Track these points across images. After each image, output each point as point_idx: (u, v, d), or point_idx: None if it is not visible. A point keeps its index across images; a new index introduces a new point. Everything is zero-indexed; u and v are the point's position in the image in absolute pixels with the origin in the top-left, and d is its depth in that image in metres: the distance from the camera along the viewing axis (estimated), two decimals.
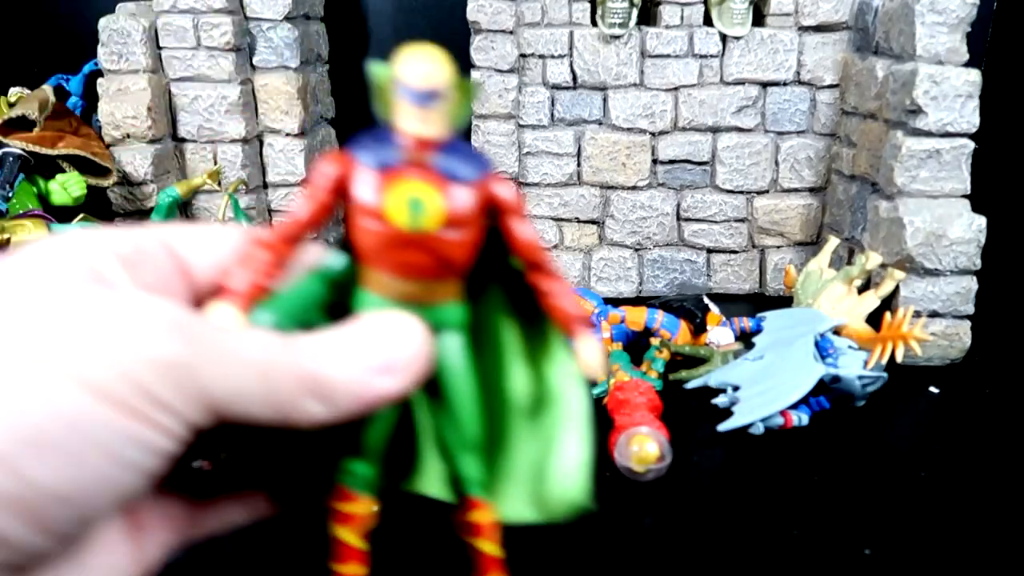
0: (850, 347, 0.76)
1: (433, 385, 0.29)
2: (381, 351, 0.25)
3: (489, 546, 0.30)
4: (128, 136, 1.03)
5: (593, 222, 1.08)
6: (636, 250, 1.08)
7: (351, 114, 1.28)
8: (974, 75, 0.83)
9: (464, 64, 1.03)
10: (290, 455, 0.30)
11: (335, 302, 0.29)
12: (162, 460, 0.23)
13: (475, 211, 0.26)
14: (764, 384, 0.74)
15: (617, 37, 1.00)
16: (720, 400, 0.75)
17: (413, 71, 0.24)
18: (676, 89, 1.02)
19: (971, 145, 0.84)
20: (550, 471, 0.29)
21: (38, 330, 0.21)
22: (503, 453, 0.31)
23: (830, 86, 1.01)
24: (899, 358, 0.73)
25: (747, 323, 0.86)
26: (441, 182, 0.25)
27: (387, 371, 0.25)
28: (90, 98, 1.10)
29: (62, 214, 0.98)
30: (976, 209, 0.85)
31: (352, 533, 0.29)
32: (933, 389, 0.80)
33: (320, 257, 0.30)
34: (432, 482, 0.32)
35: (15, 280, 0.23)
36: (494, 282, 0.30)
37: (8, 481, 0.20)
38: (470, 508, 0.30)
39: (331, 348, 0.25)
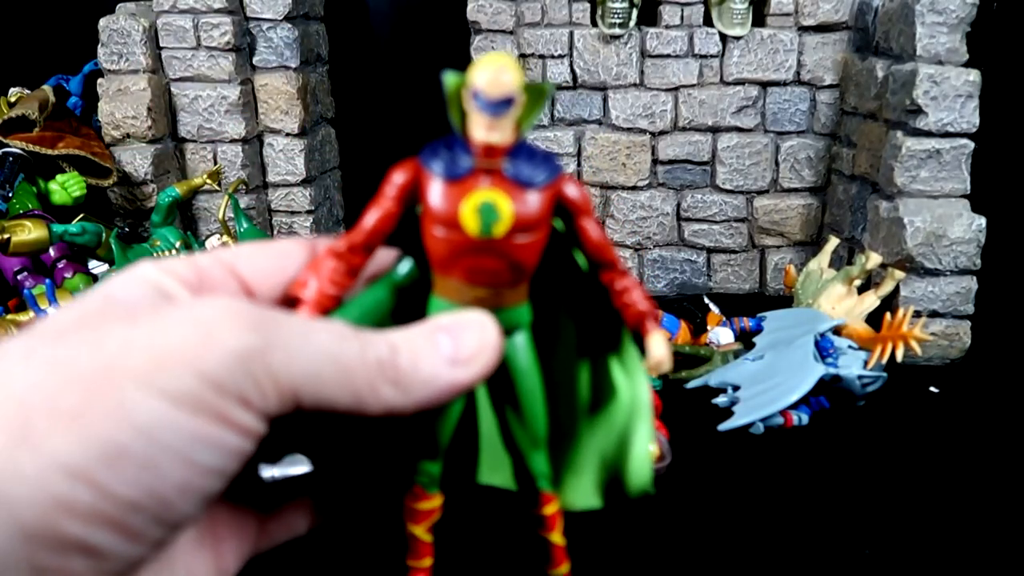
0: (850, 347, 0.76)
1: (498, 383, 0.29)
2: (455, 343, 0.26)
3: (558, 537, 0.32)
4: (128, 136, 1.03)
5: None
6: (636, 250, 1.08)
7: (351, 114, 1.28)
8: (974, 75, 0.83)
9: (464, 64, 1.03)
10: (367, 458, 0.31)
11: (403, 309, 0.29)
12: (237, 460, 0.23)
13: (544, 213, 0.27)
14: (764, 384, 0.74)
15: (617, 37, 1.00)
16: (720, 400, 0.75)
17: (488, 80, 0.25)
18: (676, 89, 1.02)
19: (971, 145, 0.84)
20: (623, 459, 0.30)
21: (108, 345, 0.22)
22: (568, 445, 0.32)
23: (830, 86, 1.01)
24: (899, 358, 0.73)
25: (747, 323, 0.86)
26: (512, 188, 0.26)
27: (461, 362, 0.26)
28: (90, 98, 1.10)
29: (62, 214, 0.98)
30: (976, 209, 0.85)
31: (424, 529, 0.31)
32: (933, 389, 0.80)
33: (388, 264, 0.30)
34: (496, 474, 0.33)
35: (86, 308, 0.24)
36: (555, 279, 0.31)
37: (91, 495, 0.20)
38: (542, 503, 0.31)
39: (407, 338, 0.26)
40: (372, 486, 0.32)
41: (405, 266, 0.29)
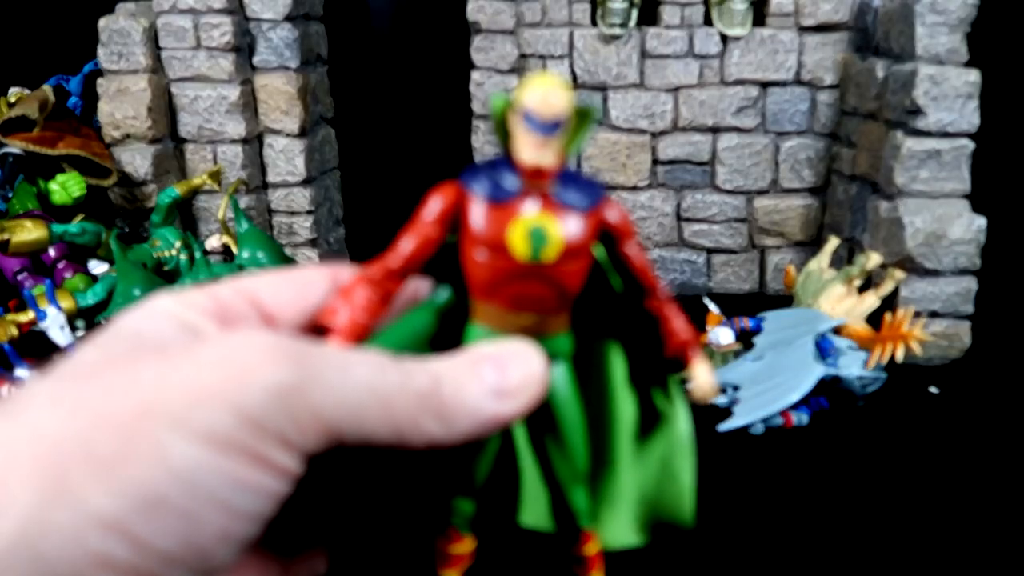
0: (850, 347, 0.76)
1: (537, 416, 0.28)
2: (500, 374, 0.25)
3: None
4: (128, 136, 1.03)
5: None
6: None
7: (351, 114, 1.28)
8: (974, 75, 0.83)
9: (464, 64, 1.03)
10: (401, 495, 0.29)
11: (439, 337, 0.28)
12: (274, 503, 0.22)
13: (590, 238, 0.26)
14: (764, 384, 0.74)
15: (617, 37, 1.00)
16: (720, 400, 0.75)
17: (540, 100, 0.24)
18: (676, 89, 1.02)
19: (971, 145, 0.84)
20: (664, 496, 0.29)
21: (142, 386, 0.21)
22: (608, 480, 0.31)
23: (830, 86, 1.01)
24: (899, 358, 0.73)
25: (747, 323, 0.86)
26: (560, 212, 0.25)
27: (506, 394, 0.25)
28: (90, 98, 1.10)
29: (62, 214, 0.98)
30: (976, 209, 0.85)
31: (457, 574, 0.30)
32: (933, 389, 0.80)
33: (424, 291, 0.29)
34: (536, 515, 0.32)
35: (110, 347, 0.23)
36: (593, 306, 0.30)
37: (129, 550, 0.19)
38: (582, 542, 0.30)
39: (449, 369, 0.25)
40: (405, 526, 0.30)
41: (443, 294, 0.28)
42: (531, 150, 0.25)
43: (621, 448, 0.30)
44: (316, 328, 0.27)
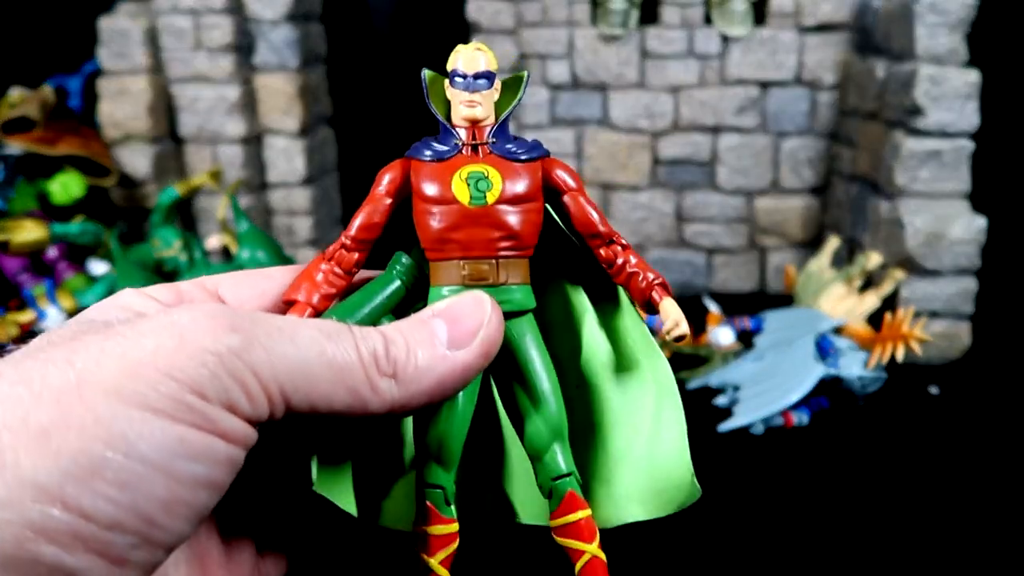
0: (850, 347, 0.76)
1: (507, 376, 0.28)
2: (451, 325, 0.25)
3: (592, 548, 0.28)
4: (128, 136, 1.03)
5: None
6: (636, 251, 1.08)
7: (351, 114, 1.28)
8: (974, 75, 0.83)
9: None
10: (373, 470, 0.29)
11: (404, 307, 0.29)
12: (228, 470, 0.22)
13: (534, 189, 0.28)
14: (765, 384, 0.74)
15: (617, 37, 1.00)
16: (720, 400, 0.75)
17: (464, 59, 0.28)
18: (676, 89, 1.02)
19: (971, 145, 0.84)
20: (657, 460, 0.28)
21: (80, 359, 0.21)
22: (598, 449, 0.30)
23: (830, 86, 1.01)
24: (899, 358, 0.73)
25: (747, 323, 0.86)
26: (499, 162, 0.28)
27: (459, 343, 0.25)
28: (90, 98, 1.10)
29: (62, 214, 0.98)
30: (976, 209, 0.85)
31: (439, 561, 0.27)
32: (933, 389, 0.80)
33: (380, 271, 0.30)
34: (532, 512, 0.31)
35: (59, 333, 0.23)
36: (559, 268, 0.31)
37: (67, 517, 0.19)
38: (567, 508, 0.28)
39: (400, 327, 0.25)
40: (375, 504, 0.29)
41: (404, 259, 0.29)
42: (464, 106, 0.28)
43: (603, 405, 0.30)
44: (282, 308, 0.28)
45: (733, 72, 1.01)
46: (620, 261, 0.29)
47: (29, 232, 0.87)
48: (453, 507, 0.28)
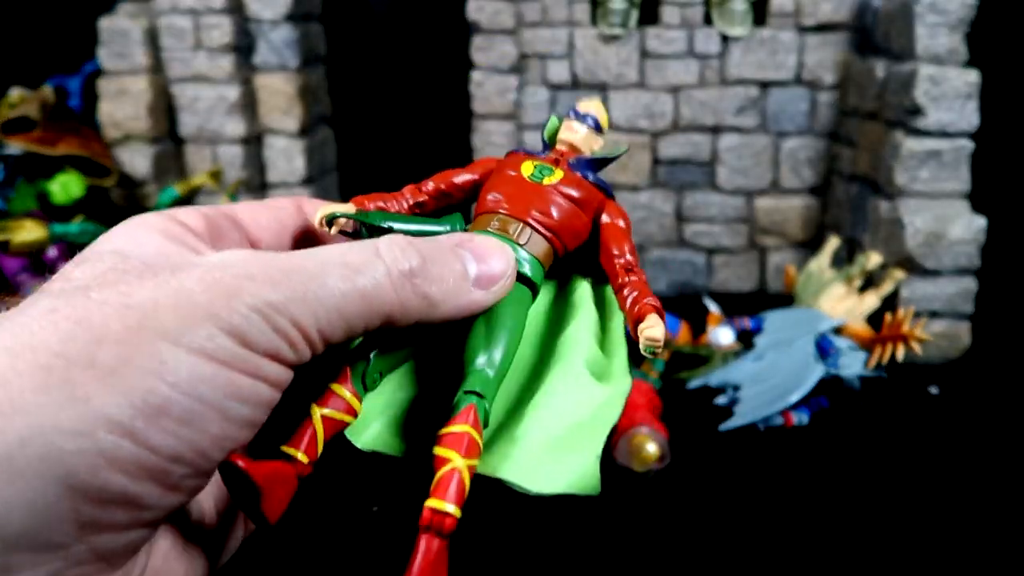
0: (850, 347, 0.76)
1: (473, 322, 0.28)
2: (480, 263, 0.27)
3: (461, 462, 0.24)
4: (128, 136, 1.03)
5: None
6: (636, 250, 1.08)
7: (351, 114, 1.28)
8: (974, 75, 0.83)
9: (464, 64, 1.03)
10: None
11: None
12: (267, 410, 0.24)
13: (585, 203, 0.32)
14: (765, 384, 0.74)
15: (617, 37, 1.00)
16: (720, 400, 0.75)
17: (582, 103, 0.35)
18: (676, 89, 1.02)
19: (971, 145, 0.84)
20: (570, 443, 0.28)
21: (136, 304, 0.22)
22: (522, 413, 0.29)
23: (830, 86, 1.01)
24: (899, 358, 0.73)
25: (747, 323, 0.86)
26: (568, 171, 0.32)
27: (482, 283, 0.27)
28: (90, 98, 1.11)
29: (62, 214, 0.98)
30: (976, 209, 0.85)
31: (322, 419, 0.26)
32: (933, 389, 0.80)
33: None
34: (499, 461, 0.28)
35: (100, 265, 0.24)
36: (582, 278, 0.33)
37: (136, 449, 0.21)
38: (460, 419, 0.26)
39: (434, 249, 0.27)
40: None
41: (460, 219, 0.32)
42: (568, 132, 0.34)
43: (544, 385, 0.29)
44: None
45: (733, 72, 1.01)
46: (631, 279, 0.31)
47: (29, 232, 0.87)
48: (363, 391, 0.27)
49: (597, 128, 0.34)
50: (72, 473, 0.20)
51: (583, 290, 0.32)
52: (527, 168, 0.32)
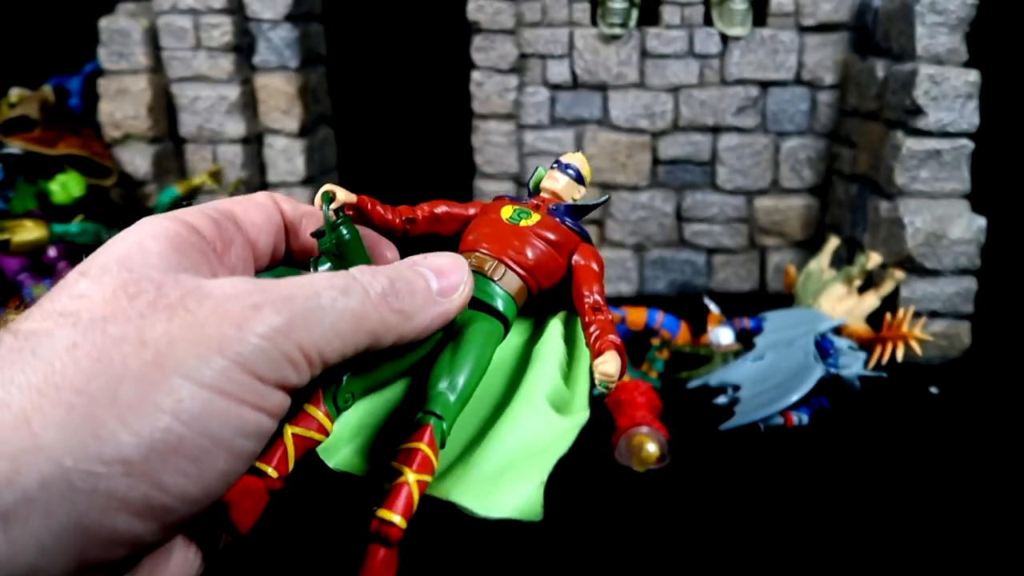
0: (850, 347, 0.76)
1: (441, 348, 0.30)
2: (438, 274, 0.29)
3: (412, 476, 0.26)
4: (128, 136, 1.03)
5: (593, 222, 1.08)
6: (636, 250, 1.08)
7: (351, 114, 1.28)
8: (974, 75, 0.83)
9: (464, 64, 1.03)
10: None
11: None
12: (264, 443, 0.24)
13: (561, 244, 0.34)
14: (765, 384, 0.74)
15: (617, 37, 1.00)
16: (720, 400, 0.75)
17: (567, 156, 0.37)
18: (676, 89, 1.02)
19: (971, 145, 0.84)
20: (515, 478, 0.28)
21: (152, 340, 0.22)
22: (480, 440, 0.30)
23: (830, 86, 1.01)
24: (899, 358, 0.73)
25: (747, 323, 0.86)
26: (547, 216, 0.34)
27: (444, 292, 0.29)
28: (90, 98, 1.10)
29: (62, 214, 0.98)
30: (976, 209, 0.85)
31: (293, 437, 0.27)
32: (933, 389, 0.80)
33: None
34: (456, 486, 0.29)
35: (110, 286, 0.24)
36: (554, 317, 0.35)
37: (147, 490, 0.21)
38: (415, 437, 0.27)
39: (398, 270, 0.28)
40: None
41: None
42: (551, 181, 0.36)
43: (504, 415, 0.30)
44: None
45: (733, 72, 1.01)
46: (598, 318, 0.32)
47: (29, 232, 0.87)
48: (335, 412, 0.28)
49: (579, 179, 0.36)
50: (84, 514, 0.20)
51: (554, 327, 0.34)
52: (507, 211, 0.34)
